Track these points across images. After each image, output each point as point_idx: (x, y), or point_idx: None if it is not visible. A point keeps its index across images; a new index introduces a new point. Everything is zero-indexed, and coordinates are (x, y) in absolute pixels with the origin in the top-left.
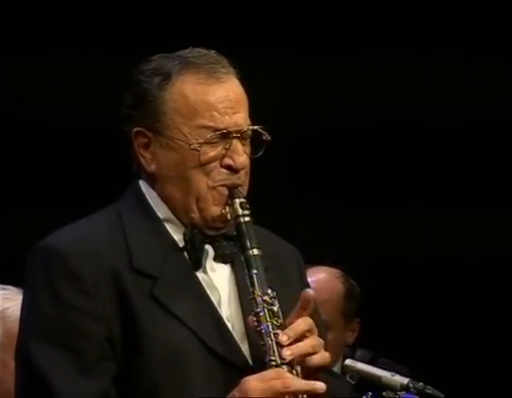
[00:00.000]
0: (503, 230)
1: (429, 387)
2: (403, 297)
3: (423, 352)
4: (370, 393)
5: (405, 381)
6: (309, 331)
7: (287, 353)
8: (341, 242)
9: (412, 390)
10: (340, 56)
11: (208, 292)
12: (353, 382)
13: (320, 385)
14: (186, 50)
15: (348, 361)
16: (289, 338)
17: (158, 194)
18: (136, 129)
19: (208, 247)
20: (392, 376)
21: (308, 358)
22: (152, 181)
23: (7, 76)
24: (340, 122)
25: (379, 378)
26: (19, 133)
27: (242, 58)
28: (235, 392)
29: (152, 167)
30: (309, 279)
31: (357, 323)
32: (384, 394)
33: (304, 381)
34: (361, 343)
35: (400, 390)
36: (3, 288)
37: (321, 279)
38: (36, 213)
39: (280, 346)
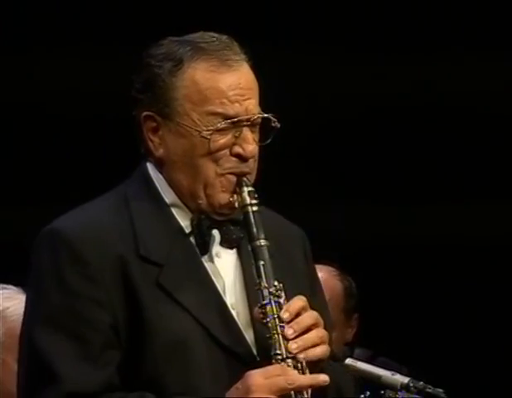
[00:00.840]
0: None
1: (429, 386)
2: (402, 296)
3: (423, 351)
4: (368, 392)
5: (405, 380)
6: (314, 324)
7: (294, 347)
8: (341, 239)
9: (412, 389)
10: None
11: (213, 279)
12: None
13: (323, 378)
14: (197, 34)
15: (348, 360)
16: (295, 332)
17: (165, 178)
18: (145, 113)
19: (215, 232)
20: (392, 375)
21: (310, 350)
22: (160, 165)
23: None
24: (338, 114)
25: (379, 377)
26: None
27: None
28: (239, 385)
29: (159, 152)
30: None
31: (356, 319)
32: (382, 393)
33: (308, 376)
34: (360, 342)
35: (400, 389)
36: (4, 288)
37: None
38: (36, 212)
39: (286, 339)
